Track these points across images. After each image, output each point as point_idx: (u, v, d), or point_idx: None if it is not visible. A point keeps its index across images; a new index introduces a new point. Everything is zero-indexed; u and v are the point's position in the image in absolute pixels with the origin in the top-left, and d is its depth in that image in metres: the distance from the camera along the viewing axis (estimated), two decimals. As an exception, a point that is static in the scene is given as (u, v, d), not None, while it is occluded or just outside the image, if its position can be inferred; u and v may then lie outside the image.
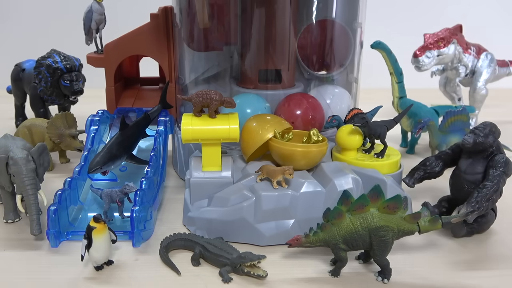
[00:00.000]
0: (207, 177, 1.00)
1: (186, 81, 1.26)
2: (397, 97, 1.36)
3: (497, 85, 1.78)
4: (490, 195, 0.88)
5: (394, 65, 1.31)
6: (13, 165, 0.93)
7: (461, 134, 1.32)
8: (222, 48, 1.24)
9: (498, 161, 0.91)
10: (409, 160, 1.36)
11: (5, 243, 0.95)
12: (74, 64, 1.43)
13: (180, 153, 1.22)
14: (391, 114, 1.22)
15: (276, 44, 1.18)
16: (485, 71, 1.61)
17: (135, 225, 0.91)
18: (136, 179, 1.09)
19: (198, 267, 0.87)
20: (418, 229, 0.82)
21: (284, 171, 0.92)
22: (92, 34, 1.34)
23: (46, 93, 1.45)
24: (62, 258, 0.89)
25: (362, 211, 0.80)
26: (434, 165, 1.01)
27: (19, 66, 1.57)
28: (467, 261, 0.90)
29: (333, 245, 0.82)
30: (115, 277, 0.84)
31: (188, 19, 1.21)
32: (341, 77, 1.29)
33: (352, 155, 1.07)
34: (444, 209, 1.01)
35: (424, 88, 1.81)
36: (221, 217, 0.94)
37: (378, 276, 0.84)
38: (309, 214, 0.92)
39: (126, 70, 1.48)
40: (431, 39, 1.51)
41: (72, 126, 1.29)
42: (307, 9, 1.21)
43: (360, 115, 1.08)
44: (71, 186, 1.00)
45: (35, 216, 0.92)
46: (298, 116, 1.14)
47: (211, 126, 0.99)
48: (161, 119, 1.19)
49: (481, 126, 0.93)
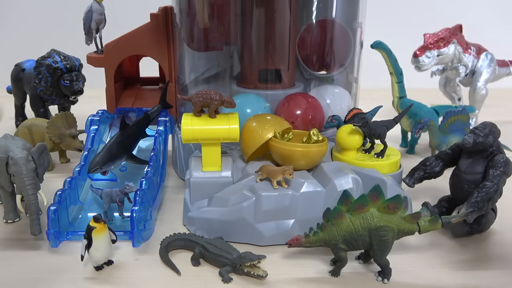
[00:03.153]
0: (207, 177, 1.00)
1: (186, 81, 1.26)
2: (397, 97, 1.36)
3: (497, 85, 1.78)
4: (490, 195, 0.88)
5: (394, 65, 1.31)
6: (13, 165, 0.93)
7: (461, 134, 1.32)
8: (222, 48, 1.24)
9: (498, 161, 0.91)
10: (409, 160, 1.36)
11: (5, 243, 0.95)
12: (74, 64, 1.43)
13: (180, 153, 1.22)
14: (391, 114, 1.22)
15: (276, 44, 1.18)
16: (485, 71, 1.61)
17: (135, 225, 0.91)
18: (136, 179, 1.08)
19: (198, 267, 0.87)
20: (418, 229, 0.82)
21: (284, 171, 0.92)
22: (92, 34, 1.34)
23: (46, 93, 1.45)
24: (62, 258, 0.89)
25: (362, 211, 0.80)
26: (434, 165, 1.01)
27: (19, 66, 1.57)
28: (467, 261, 0.90)
29: (333, 245, 0.82)
30: (115, 277, 0.84)
31: (188, 19, 1.21)
32: (341, 77, 1.29)
33: (352, 155, 1.07)
34: (444, 209, 1.01)
35: (424, 88, 1.81)
36: (221, 217, 0.94)
37: (378, 276, 0.84)
38: (309, 214, 0.92)
39: (126, 70, 1.48)
40: (431, 39, 1.51)
41: (72, 126, 1.29)
42: (307, 9, 1.21)
43: (360, 115, 1.08)
44: (71, 186, 1.00)
45: (35, 216, 0.92)
46: (298, 116, 1.14)
47: (211, 126, 0.99)
48: (161, 119, 1.19)
49: (481, 126, 0.93)
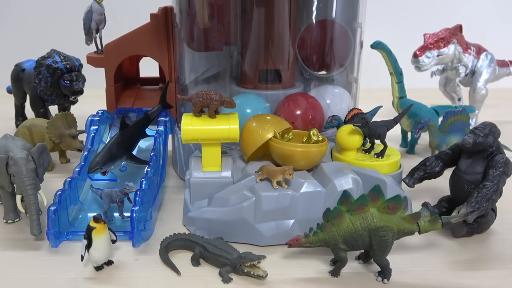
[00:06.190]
0: (207, 177, 1.00)
1: (186, 81, 1.26)
2: (397, 97, 1.35)
3: (497, 85, 1.78)
4: (490, 195, 0.88)
5: (394, 65, 1.31)
6: (13, 165, 0.93)
7: (461, 134, 1.32)
8: (222, 48, 1.24)
9: (498, 161, 0.91)
10: (409, 160, 1.36)
11: (5, 243, 0.95)
12: (74, 64, 1.43)
13: (180, 153, 1.22)
14: (391, 114, 1.22)
15: (276, 44, 1.18)
16: (485, 71, 1.61)
17: (135, 225, 0.91)
18: (136, 179, 1.09)
19: (198, 267, 0.87)
20: (418, 229, 0.82)
21: (284, 171, 0.92)
22: (92, 34, 1.34)
23: (46, 93, 1.45)
24: (62, 258, 0.89)
25: (362, 211, 0.80)
26: (434, 165, 1.01)
27: (19, 66, 1.57)
28: (467, 261, 0.90)
29: (333, 245, 0.82)
30: (115, 277, 0.84)
31: (188, 19, 1.21)
32: (341, 77, 1.29)
33: (352, 155, 1.07)
34: (444, 209, 1.01)
35: (424, 88, 1.81)
36: (221, 217, 0.94)
37: (378, 276, 0.84)
38: (309, 214, 0.92)
39: (126, 70, 1.48)
40: (431, 39, 1.51)
41: (72, 126, 1.29)
42: (307, 9, 1.21)
43: (360, 115, 1.08)
44: (71, 186, 1.00)
45: (35, 216, 0.92)
46: (298, 116, 1.14)
47: (211, 126, 0.99)
48: (161, 119, 1.19)
49: (481, 126, 0.93)
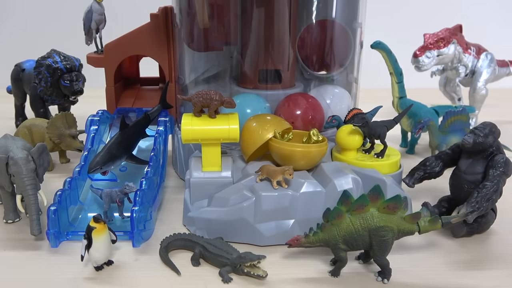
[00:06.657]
0: (207, 177, 1.00)
1: (186, 81, 1.26)
2: (397, 97, 1.35)
3: (497, 85, 1.78)
4: (490, 195, 0.88)
5: (394, 65, 1.31)
6: (13, 165, 0.93)
7: (461, 134, 1.32)
8: (222, 48, 1.24)
9: (498, 161, 0.91)
10: (409, 160, 1.36)
11: (5, 243, 0.95)
12: (74, 64, 1.43)
13: (180, 153, 1.22)
14: (391, 114, 1.22)
15: (276, 44, 1.17)
16: (485, 71, 1.61)
17: (135, 225, 0.91)
18: (136, 179, 1.08)
19: (198, 267, 0.87)
20: (418, 229, 0.82)
21: (284, 171, 0.92)
22: (92, 34, 1.34)
23: (46, 93, 1.45)
24: (62, 258, 0.89)
25: (362, 211, 0.80)
26: (434, 165, 1.01)
27: (19, 66, 1.57)
28: (467, 261, 0.90)
29: (333, 245, 0.82)
30: (115, 277, 0.84)
31: (188, 19, 1.21)
32: (341, 77, 1.29)
33: (352, 155, 1.07)
34: (444, 209, 1.01)
35: (424, 88, 1.81)
36: (221, 217, 0.94)
37: (378, 276, 0.84)
38: (309, 214, 0.92)
39: (126, 70, 1.48)
40: (431, 39, 1.51)
41: (72, 126, 1.29)
42: (307, 9, 1.21)
43: (360, 115, 1.08)
44: (71, 186, 1.00)
45: (35, 216, 0.92)
46: (298, 116, 1.14)
47: (211, 126, 0.99)
48: (161, 119, 1.19)
49: (481, 126, 0.93)
